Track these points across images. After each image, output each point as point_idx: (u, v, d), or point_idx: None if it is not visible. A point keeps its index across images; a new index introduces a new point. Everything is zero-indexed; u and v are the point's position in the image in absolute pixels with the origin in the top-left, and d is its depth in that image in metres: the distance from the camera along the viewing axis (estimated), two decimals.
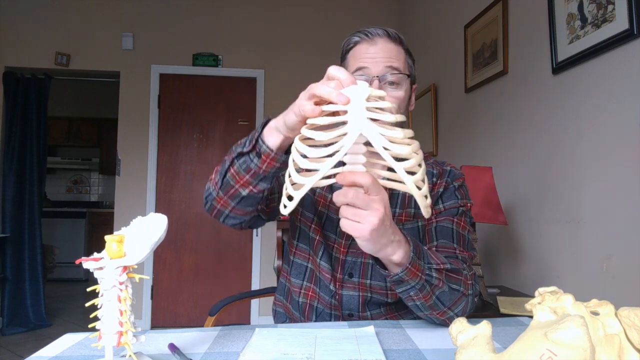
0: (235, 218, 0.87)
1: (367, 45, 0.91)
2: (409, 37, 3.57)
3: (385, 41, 0.91)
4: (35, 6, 3.51)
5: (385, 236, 0.65)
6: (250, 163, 0.77)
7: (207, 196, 0.86)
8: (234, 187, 0.80)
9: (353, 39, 0.94)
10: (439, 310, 0.78)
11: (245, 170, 0.78)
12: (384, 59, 0.89)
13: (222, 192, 0.82)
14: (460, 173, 1.01)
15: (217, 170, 0.84)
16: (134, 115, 3.59)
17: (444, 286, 0.76)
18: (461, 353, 0.45)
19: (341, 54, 0.98)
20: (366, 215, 0.61)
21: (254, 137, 0.76)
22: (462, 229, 0.93)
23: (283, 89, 3.67)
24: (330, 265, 0.95)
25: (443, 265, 0.77)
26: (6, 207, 3.45)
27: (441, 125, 2.90)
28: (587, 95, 1.54)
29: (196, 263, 3.62)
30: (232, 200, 0.82)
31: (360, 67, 0.90)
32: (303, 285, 0.99)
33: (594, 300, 0.46)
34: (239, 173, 0.79)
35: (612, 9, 1.39)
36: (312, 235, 0.98)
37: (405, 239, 0.71)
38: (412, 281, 0.72)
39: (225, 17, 3.71)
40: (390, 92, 0.90)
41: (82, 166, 5.94)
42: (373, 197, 0.61)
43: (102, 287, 0.54)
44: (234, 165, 0.79)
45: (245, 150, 0.77)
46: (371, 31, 0.91)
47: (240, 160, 0.78)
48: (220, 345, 0.69)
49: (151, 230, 0.56)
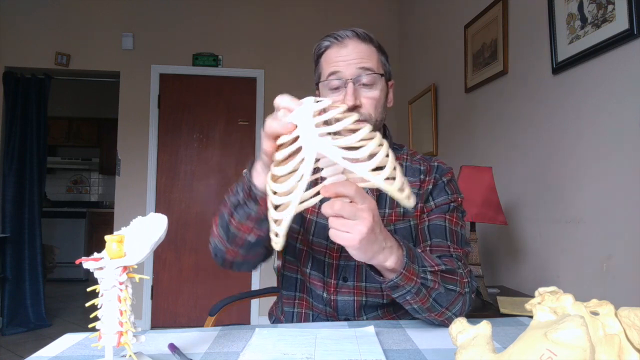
0: (249, 264, 0.89)
1: (337, 49, 0.90)
2: (409, 37, 3.58)
3: (355, 42, 0.90)
4: (35, 6, 3.51)
5: (376, 243, 0.65)
6: (250, 211, 0.78)
7: (215, 252, 0.88)
8: (240, 236, 0.81)
9: (323, 43, 0.93)
10: (437, 312, 0.77)
11: (246, 218, 0.79)
12: (356, 61, 0.89)
13: (230, 244, 0.83)
14: (448, 167, 0.99)
15: (216, 224, 0.85)
16: (134, 115, 3.59)
17: (440, 288, 0.76)
18: (461, 353, 0.45)
19: (314, 59, 0.97)
20: (354, 225, 0.61)
21: (247, 186, 0.77)
22: (455, 225, 0.92)
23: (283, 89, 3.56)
24: (322, 273, 0.95)
25: (438, 267, 0.77)
26: (6, 207, 3.45)
27: (441, 125, 2.90)
28: (587, 95, 1.54)
29: (196, 263, 3.62)
30: (242, 249, 0.83)
31: (333, 72, 0.89)
32: (296, 296, 1.00)
33: (594, 300, 0.46)
34: (241, 223, 0.80)
35: (612, 9, 1.39)
36: (299, 247, 0.98)
37: (397, 244, 0.71)
38: (407, 286, 0.72)
39: (225, 17, 3.71)
40: (365, 94, 0.89)
41: (82, 166, 5.94)
42: (360, 207, 0.61)
43: (102, 287, 0.54)
44: (234, 217, 0.80)
45: (242, 200, 0.78)
46: (340, 34, 0.91)
47: (240, 211, 0.79)
48: (220, 345, 0.69)
49: (151, 230, 0.56)
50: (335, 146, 0.55)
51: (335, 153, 0.54)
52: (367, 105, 0.90)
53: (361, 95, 0.89)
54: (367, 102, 0.90)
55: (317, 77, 0.97)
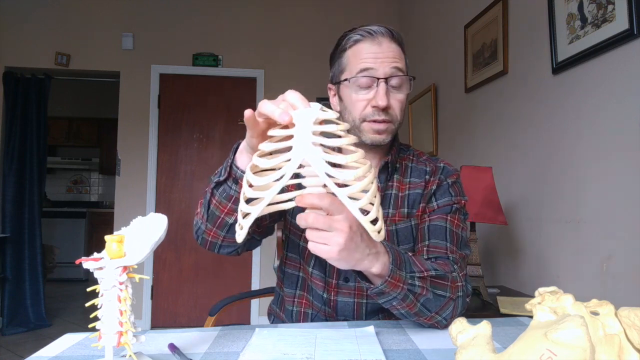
0: (229, 247, 0.85)
1: (370, 44, 0.87)
2: (409, 37, 3.58)
3: (388, 41, 0.88)
4: (35, 6, 3.51)
5: (358, 251, 0.64)
6: (230, 190, 0.76)
7: (196, 230, 0.86)
8: (220, 217, 0.79)
9: (354, 36, 0.89)
10: (425, 316, 0.76)
11: (226, 198, 0.77)
12: (389, 60, 0.86)
13: (210, 224, 0.81)
14: (454, 169, 0.98)
15: (201, 203, 0.84)
16: (134, 115, 3.59)
17: (428, 294, 0.74)
18: (461, 353, 0.45)
19: (335, 50, 0.94)
20: (331, 237, 0.60)
21: (228, 165, 0.75)
22: (456, 227, 0.90)
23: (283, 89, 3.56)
24: (323, 272, 0.94)
25: (427, 273, 0.75)
26: (6, 207, 3.45)
27: (441, 125, 2.90)
28: (587, 95, 1.54)
29: (196, 263, 3.62)
30: (222, 230, 0.81)
31: (365, 68, 0.86)
32: (296, 294, 0.99)
33: (594, 300, 0.46)
34: (221, 202, 0.78)
35: (612, 9, 1.39)
36: (303, 244, 0.96)
37: (384, 250, 0.70)
38: (393, 292, 0.71)
39: (225, 17, 3.72)
40: (394, 96, 0.88)
41: (82, 166, 5.94)
42: (336, 218, 0.60)
43: (102, 287, 0.54)
44: (214, 195, 0.79)
45: (222, 179, 0.76)
46: (374, 29, 0.87)
47: (220, 189, 0.78)
48: (220, 345, 0.69)
49: (151, 230, 0.56)
50: (324, 160, 0.54)
51: (321, 167, 0.53)
52: (395, 107, 0.89)
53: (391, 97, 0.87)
54: (395, 104, 0.88)
55: (337, 72, 0.93)
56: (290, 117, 0.57)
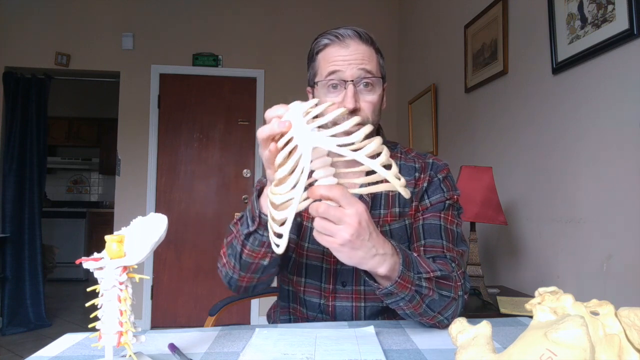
0: (263, 283, 0.90)
1: (338, 48, 0.88)
2: (409, 37, 3.58)
3: (356, 43, 0.88)
4: (35, 6, 3.51)
5: (363, 249, 0.64)
6: (262, 237, 0.78)
7: (228, 281, 0.89)
8: (254, 262, 0.82)
9: (322, 40, 0.90)
10: (429, 316, 0.77)
11: (259, 245, 0.79)
12: (357, 62, 0.87)
13: (244, 272, 0.84)
14: (443, 164, 0.97)
15: (225, 253, 0.86)
16: (134, 115, 3.59)
17: (434, 295, 0.75)
18: (461, 353, 0.45)
19: (309, 55, 0.94)
20: (337, 230, 0.61)
21: (256, 215, 0.76)
22: (450, 224, 0.90)
23: (283, 89, 3.67)
24: (319, 280, 0.93)
25: (433, 273, 0.75)
26: (6, 207, 3.45)
27: (441, 125, 2.90)
28: (587, 95, 1.54)
29: (196, 263, 3.62)
30: (256, 274, 0.85)
31: (333, 71, 0.87)
32: (290, 305, 0.99)
33: (594, 300, 0.46)
34: (254, 250, 0.80)
35: (612, 9, 1.39)
36: (294, 257, 0.96)
37: (393, 251, 0.70)
38: (401, 293, 0.71)
39: (225, 17, 3.72)
40: (365, 97, 0.88)
41: (82, 166, 5.94)
42: (346, 211, 0.60)
43: (102, 287, 0.54)
44: (246, 246, 0.80)
45: (252, 229, 0.78)
46: (341, 32, 0.88)
47: (250, 239, 0.79)
48: (220, 345, 0.69)
49: (151, 230, 0.56)
50: (329, 136, 0.56)
51: (330, 142, 0.55)
52: (366, 108, 0.88)
53: (360, 99, 0.87)
54: (366, 105, 0.88)
55: (312, 75, 0.94)
56: (288, 121, 0.59)
